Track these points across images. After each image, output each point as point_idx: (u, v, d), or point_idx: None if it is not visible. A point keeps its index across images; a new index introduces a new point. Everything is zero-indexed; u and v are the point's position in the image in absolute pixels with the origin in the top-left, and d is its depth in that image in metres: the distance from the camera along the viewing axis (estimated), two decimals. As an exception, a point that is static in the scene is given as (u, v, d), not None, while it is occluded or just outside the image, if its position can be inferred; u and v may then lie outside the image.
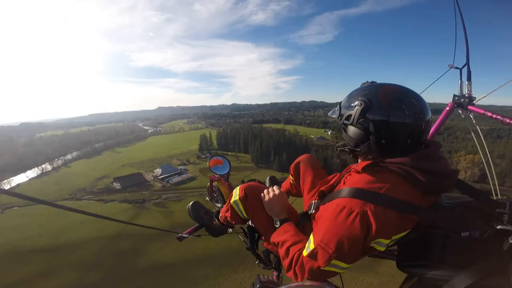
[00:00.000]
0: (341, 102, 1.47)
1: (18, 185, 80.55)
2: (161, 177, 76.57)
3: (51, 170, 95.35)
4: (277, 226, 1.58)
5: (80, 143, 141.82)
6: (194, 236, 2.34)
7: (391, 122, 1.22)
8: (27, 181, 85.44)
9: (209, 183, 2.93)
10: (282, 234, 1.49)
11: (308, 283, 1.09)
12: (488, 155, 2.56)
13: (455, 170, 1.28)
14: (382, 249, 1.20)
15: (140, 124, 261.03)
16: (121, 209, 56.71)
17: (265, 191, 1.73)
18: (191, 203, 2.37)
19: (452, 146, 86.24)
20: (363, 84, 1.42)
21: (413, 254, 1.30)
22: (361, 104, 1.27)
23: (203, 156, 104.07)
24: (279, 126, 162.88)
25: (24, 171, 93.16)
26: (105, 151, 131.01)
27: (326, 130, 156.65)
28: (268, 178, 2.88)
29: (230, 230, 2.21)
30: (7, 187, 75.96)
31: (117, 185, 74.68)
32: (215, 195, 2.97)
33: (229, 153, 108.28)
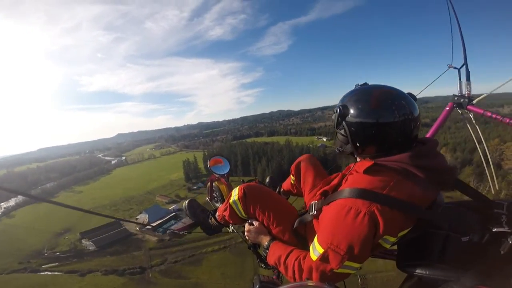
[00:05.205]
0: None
1: None
2: (152, 225, 56.23)
3: (-14, 223, 70.37)
4: (267, 252, 1.68)
5: (27, 183, 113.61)
6: (186, 232, 3.10)
7: (380, 123, 1.28)
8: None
9: (209, 183, 2.94)
10: (274, 253, 1.56)
11: (309, 283, 1.08)
12: (487, 155, 2.63)
13: (453, 166, 1.33)
14: (388, 246, 1.25)
15: (100, 155, 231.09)
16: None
17: (246, 227, 1.87)
18: (187, 201, 2.42)
19: (452, 137, 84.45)
20: (355, 86, 1.47)
21: (413, 254, 1.32)
22: (337, 110, 1.38)
23: (195, 187, 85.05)
24: (267, 139, 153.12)
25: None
26: (61, 191, 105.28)
27: (319, 137, 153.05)
28: (268, 178, 2.96)
29: (230, 229, 2.23)
30: None
31: (88, 244, 52.63)
32: (215, 195, 2.96)
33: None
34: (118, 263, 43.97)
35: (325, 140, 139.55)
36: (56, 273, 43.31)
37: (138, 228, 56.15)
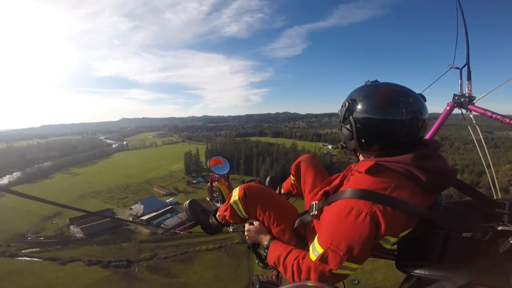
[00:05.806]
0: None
1: None
2: (145, 217, 54.23)
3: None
4: (266, 251, 1.68)
5: (25, 161, 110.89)
6: (187, 232, 2.62)
7: (388, 120, 1.26)
8: None
9: (209, 183, 2.97)
10: (274, 253, 1.56)
11: (309, 283, 1.07)
12: (487, 155, 2.63)
13: (454, 168, 1.32)
14: (389, 246, 1.25)
15: (102, 138, 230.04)
16: (94, 280, 34.90)
17: (246, 227, 1.88)
18: (188, 201, 2.45)
19: (461, 158, 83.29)
20: (366, 82, 1.44)
21: (413, 254, 1.30)
22: (345, 104, 1.37)
23: (195, 181, 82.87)
24: (272, 140, 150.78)
25: None
26: (56, 172, 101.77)
27: (325, 144, 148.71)
28: (268, 178, 2.95)
29: (231, 229, 2.26)
30: None
31: (76, 231, 50.53)
32: (215, 195, 2.98)
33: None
34: (104, 254, 41.34)
35: (330, 147, 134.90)
36: (35, 259, 40.60)
37: (131, 218, 53.97)
